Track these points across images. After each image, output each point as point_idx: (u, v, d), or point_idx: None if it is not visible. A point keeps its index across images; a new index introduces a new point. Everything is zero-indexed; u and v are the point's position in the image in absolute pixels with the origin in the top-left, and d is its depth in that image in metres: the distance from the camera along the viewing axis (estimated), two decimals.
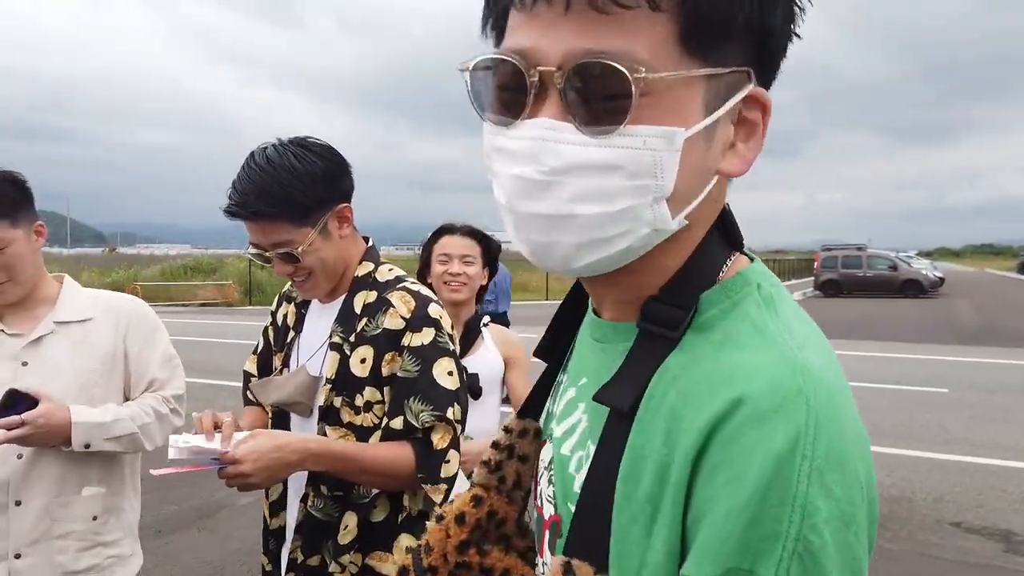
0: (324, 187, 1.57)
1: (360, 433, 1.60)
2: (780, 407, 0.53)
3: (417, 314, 1.60)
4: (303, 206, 1.54)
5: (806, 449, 0.51)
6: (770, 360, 0.56)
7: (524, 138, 0.60)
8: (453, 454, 1.58)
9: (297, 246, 1.56)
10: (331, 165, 1.60)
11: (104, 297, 2.05)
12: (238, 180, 1.54)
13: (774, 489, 0.51)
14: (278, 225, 1.54)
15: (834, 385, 0.56)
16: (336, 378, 1.62)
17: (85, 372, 1.88)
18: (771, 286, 0.65)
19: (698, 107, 0.59)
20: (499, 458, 0.82)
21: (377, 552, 1.62)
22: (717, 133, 0.61)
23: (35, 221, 1.90)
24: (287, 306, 1.85)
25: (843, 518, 0.51)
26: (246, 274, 27.44)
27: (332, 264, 1.64)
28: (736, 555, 0.51)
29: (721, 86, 0.60)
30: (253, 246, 1.60)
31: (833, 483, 0.51)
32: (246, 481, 1.46)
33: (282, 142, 1.58)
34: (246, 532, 4.70)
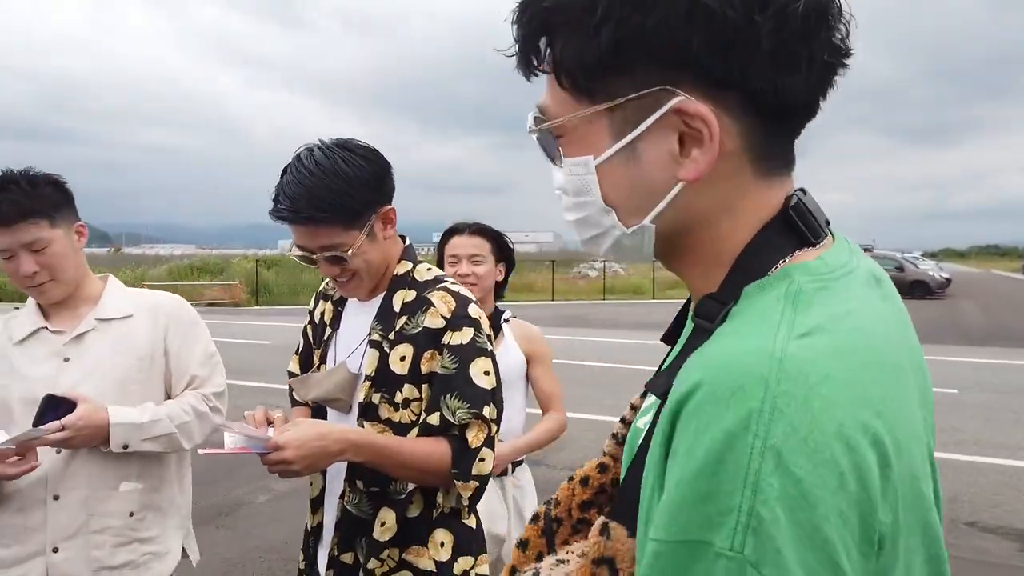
0: (371, 190, 1.59)
1: (398, 429, 1.62)
2: (737, 390, 0.56)
3: (457, 313, 1.63)
4: (352, 210, 1.57)
5: (759, 430, 0.54)
6: (744, 348, 0.60)
7: None
8: (487, 452, 1.60)
9: (346, 249, 1.58)
10: (377, 168, 1.62)
11: (146, 295, 2.08)
12: (287, 184, 1.55)
13: (726, 465, 0.54)
14: (328, 229, 1.56)
15: (820, 373, 0.56)
16: (375, 375, 1.64)
17: (125, 368, 1.92)
18: (811, 280, 0.65)
19: (605, 136, 0.70)
20: (625, 432, 0.89)
21: (414, 547, 1.64)
22: (644, 150, 0.68)
23: (75, 222, 1.95)
24: (324, 304, 1.87)
25: (805, 497, 0.52)
26: (253, 274, 27.52)
27: (376, 265, 1.66)
28: (692, 526, 0.54)
29: (627, 112, 0.68)
30: (299, 248, 1.62)
31: (793, 464, 0.53)
32: (288, 468, 1.48)
33: (328, 145, 1.60)
34: (264, 530, 4.74)
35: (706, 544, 0.54)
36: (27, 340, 1.91)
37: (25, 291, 1.93)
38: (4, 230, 1.82)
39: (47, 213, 1.85)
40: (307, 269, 7.18)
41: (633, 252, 0.75)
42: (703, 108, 0.65)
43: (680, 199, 0.69)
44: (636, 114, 0.67)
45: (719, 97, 0.65)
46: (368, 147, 1.63)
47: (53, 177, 1.91)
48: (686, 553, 0.55)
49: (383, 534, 1.62)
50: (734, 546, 0.52)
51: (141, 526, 1.92)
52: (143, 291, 2.12)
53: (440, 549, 1.66)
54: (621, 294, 31.48)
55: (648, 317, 21.29)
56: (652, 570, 0.57)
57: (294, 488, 5.43)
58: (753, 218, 0.71)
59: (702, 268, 0.73)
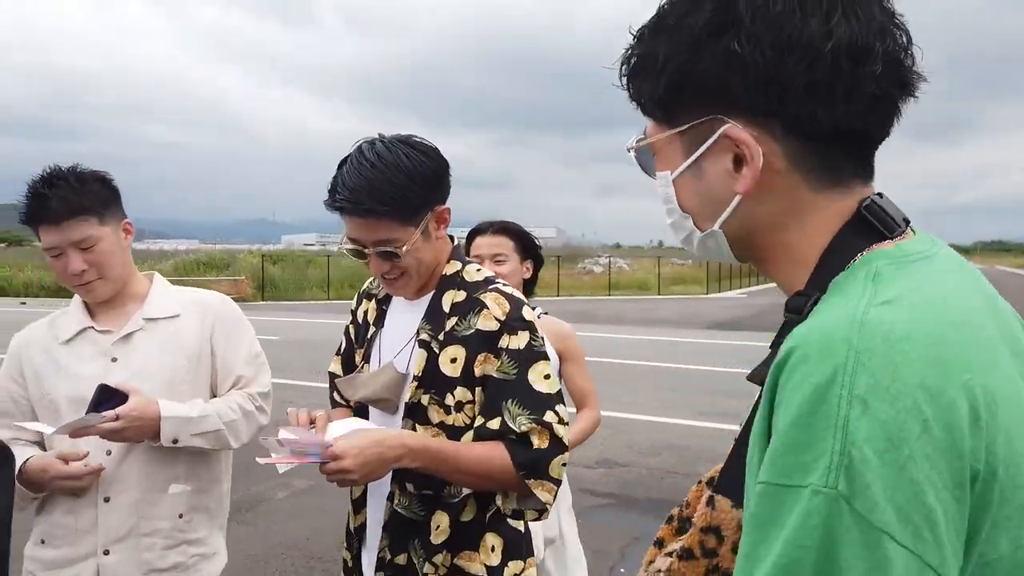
0: (430, 187, 1.58)
1: (452, 432, 1.61)
2: (824, 350, 0.64)
3: (512, 316, 1.61)
4: (412, 205, 1.55)
5: (845, 381, 0.61)
6: (830, 318, 0.68)
7: None
8: (558, 455, 1.57)
9: (401, 245, 1.56)
10: (437, 166, 1.60)
11: (191, 294, 2.08)
12: (347, 176, 1.53)
13: (818, 414, 0.61)
14: (385, 223, 1.54)
15: (900, 333, 0.63)
16: (423, 375, 1.63)
17: (172, 368, 1.91)
18: (888, 263, 0.73)
19: (679, 155, 0.83)
20: None
21: (466, 551, 1.63)
22: (707, 168, 0.81)
23: (122, 219, 1.94)
24: (368, 303, 1.86)
25: (891, 440, 0.59)
26: (259, 269, 27.55)
27: (427, 264, 1.65)
28: (791, 469, 0.61)
29: (692, 137, 0.81)
30: (351, 241, 1.60)
31: (878, 410, 0.59)
32: (346, 476, 1.47)
33: (389, 139, 1.58)
34: (285, 526, 4.78)
35: (804, 484, 0.60)
36: (74, 340, 1.91)
37: (72, 289, 1.93)
38: (53, 228, 1.81)
39: (96, 210, 1.84)
40: (312, 264, 7.18)
41: (716, 252, 0.86)
42: (743, 134, 0.76)
43: (741, 209, 0.80)
44: (697, 138, 0.80)
45: (763, 124, 0.76)
46: (429, 144, 1.62)
47: (100, 174, 1.90)
48: (787, 493, 0.61)
49: (437, 537, 1.61)
50: (828, 483, 0.59)
51: (189, 528, 1.92)
52: (188, 289, 2.11)
53: (491, 554, 1.64)
54: (626, 289, 31.47)
55: (654, 313, 21.32)
56: (759, 508, 0.63)
57: (312, 485, 5.47)
58: (826, 224, 0.78)
59: (785, 268, 0.82)
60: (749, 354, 12.76)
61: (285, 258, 32.09)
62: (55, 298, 17.80)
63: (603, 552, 4.35)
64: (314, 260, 31.38)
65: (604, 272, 34.07)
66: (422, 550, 1.62)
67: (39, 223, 1.82)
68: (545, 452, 1.56)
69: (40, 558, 1.87)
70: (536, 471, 1.55)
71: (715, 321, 18.69)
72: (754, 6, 0.73)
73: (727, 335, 15.63)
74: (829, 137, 0.75)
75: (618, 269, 35.71)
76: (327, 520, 4.85)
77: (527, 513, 1.62)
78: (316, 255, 35.51)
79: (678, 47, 0.77)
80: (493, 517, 1.67)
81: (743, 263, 0.89)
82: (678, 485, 5.67)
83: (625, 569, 4.24)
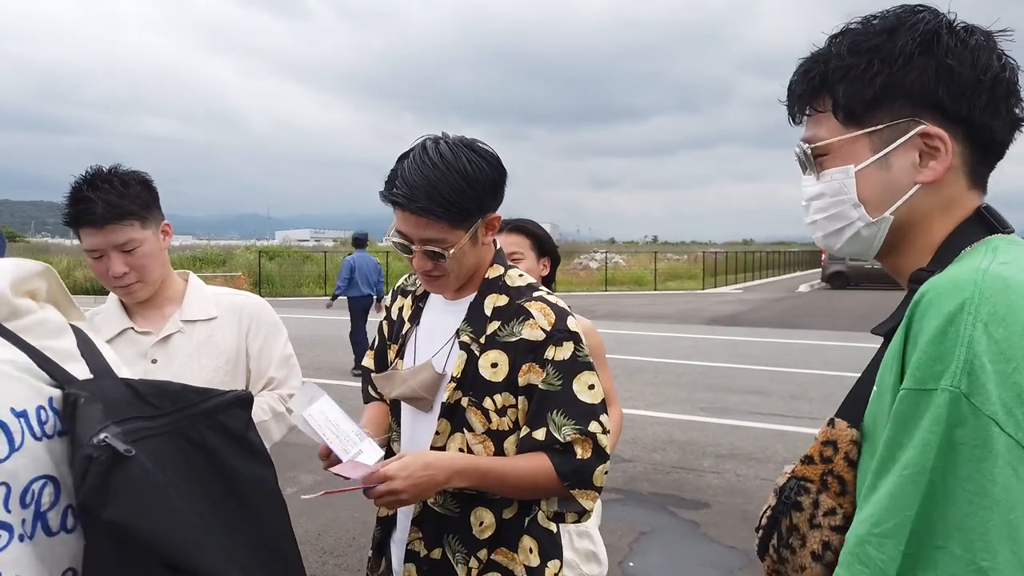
0: (487, 195, 1.59)
1: (497, 437, 1.63)
2: (954, 289, 0.83)
3: (557, 327, 1.61)
4: (466, 211, 1.56)
5: (971, 309, 0.81)
6: (958, 271, 0.88)
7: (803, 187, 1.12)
8: (601, 464, 1.59)
9: (448, 247, 1.57)
10: (496, 174, 1.61)
11: (227, 295, 2.10)
12: (407, 172, 1.54)
13: (949, 335, 0.80)
14: (437, 224, 1.55)
15: (1014, 282, 0.83)
16: (463, 377, 1.63)
17: (210, 370, 1.94)
18: (1007, 241, 0.95)
19: (866, 151, 1.01)
20: None
21: (503, 549, 1.65)
22: (894, 161, 0.99)
23: (161, 220, 1.96)
24: (403, 299, 1.87)
25: (1003, 354, 0.78)
26: (255, 265, 27.51)
27: (468, 268, 1.66)
28: (926, 378, 0.81)
29: (884, 135, 0.99)
30: (399, 234, 1.61)
31: (995, 332, 0.79)
32: (396, 498, 1.48)
33: (454, 140, 1.59)
34: (296, 522, 4.74)
35: (936, 387, 0.80)
36: (114, 340, 1.93)
37: (112, 290, 1.95)
38: (96, 231, 1.82)
39: (139, 214, 1.87)
40: (308, 260, 7.19)
41: (864, 244, 1.04)
42: (942, 131, 0.96)
43: (914, 198, 0.99)
44: (890, 136, 0.99)
45: (951, 127, 0.96)
46: (491, 151, 1.62)
47: (142, 175, 1.92)
48: (923, 395, 0.81)
49: (481, 533, 1.64)
50: (954, 384, 0.78)
51: None
52: (224, 290, 2.13)
53: (530, 555, 1.67)
54: (622, 285, 31.52)
55: (650, 308, 21.35)
56: (900, 406, 0.83)
57: (319, 481, 5.50)
58: (957, 218, 1.00)
59: (913, 254, 1.02)
60: (747, 349, 12.84)
61: (281, 254, 32.04)
62: None
63: (612, 547, 4.39)
64: (311, 256, 31.36)
65: (600, 268, 34.12)
66: (460, 545, 1.65)
67: (82, 225, 1.83)
68: (588, 462, 1.57)
69: None
70: (580, 481, 1.58)
71: (713, 316, 18.74)
72: (957, 37, 0.96)
73: (725, 331, 15.68)
74: (988, 146, 0.98)
75: (614, 265, 35.75)
76: (338, 515, 4.89)
77: (567, 516, 1.64)
78: (311, 251, 35.46)
79: (889, 61, 0.96)
80: (534, 521, 1.69)
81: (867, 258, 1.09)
82: (683, 480, 5.72)
83: (634, 563, 4.29)
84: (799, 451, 1.06)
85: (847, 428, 0.97)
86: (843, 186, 1.03)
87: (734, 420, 7.58)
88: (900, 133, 0.98)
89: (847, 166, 1.02)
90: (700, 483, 5.65)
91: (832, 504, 0.96)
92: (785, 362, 11.32)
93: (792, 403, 8.40)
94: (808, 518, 0.97)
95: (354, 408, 1.68)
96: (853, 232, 1.04)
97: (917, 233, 1.01)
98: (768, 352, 12.43)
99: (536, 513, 1.70)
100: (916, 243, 1.01)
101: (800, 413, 7.88)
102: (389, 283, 14.12)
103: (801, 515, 0.98)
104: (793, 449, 6.41)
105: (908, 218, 1.00)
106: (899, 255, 1.04)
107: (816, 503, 0.97)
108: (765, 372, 10.52)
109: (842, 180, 1.03)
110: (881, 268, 1.09)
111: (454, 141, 1.59)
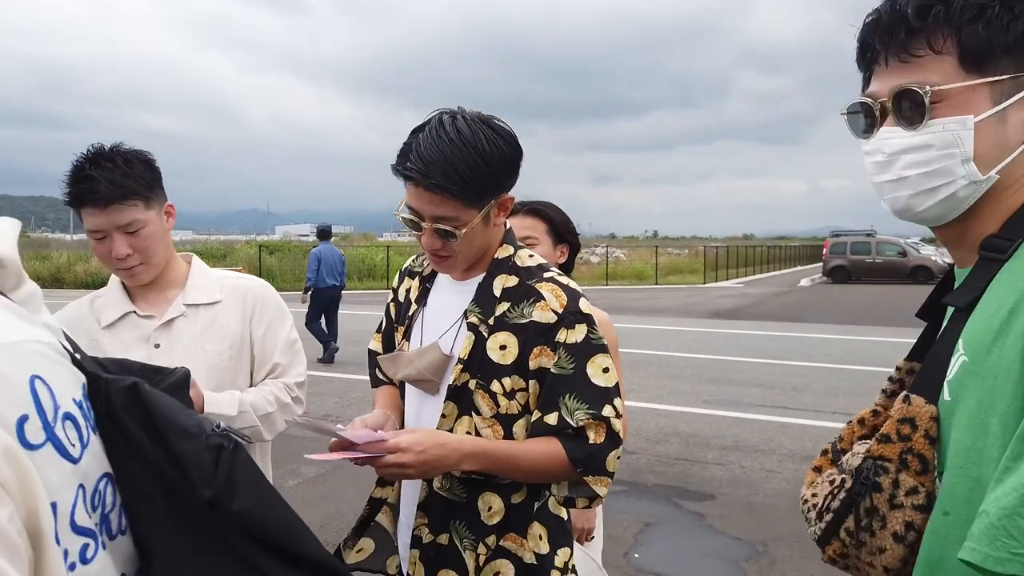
0: (504, 174, 1.56)
1: (506, 420, 1.60)
2: None
3: (569, 309, 1.58)
4: (481, 189, 1.52)
5: None
6: None
7: (874, 139, 1.02)
8: (613, 448, 1.56)
9: (460, 225, 1.53)
10: (513, 153, 1.57)
11: (231, 279, 2.05)
12: (422, 146, 1.50)
13: None
14: (450, 202, 1.51)
15: None
16: (470, 359, 1.60)
17: (215, 355, 1.90)
18: None
19: (986, 102, 0.92)
20: (893, 388, 1.14)
21: (512, 534, 1.62)
22: (1011, 116, 0.92)
23: (165, 201, 1.91)
24: (410, 280, 1.84)
25: None
26: (256, 260, 27.49)
27: (477, 249, 1.63)
28: None
29: (1005, 87, 0.92)
30: (410, 210, 1.56)
31: None
32: (403, 472, 1.45)
33: (471, 116, 1.55)
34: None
35: None
36: (116, 324, 1.90)
37: (114, 272, 1.91)
38: (99, 211, 1.77)
39: (143, 194, 1.81)
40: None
41: (954, 206, 0.96)
42: None
43: (1020, 158, 0.93)
44: (1013, 88, 0.92)
45: None
46: (508, 129, 1.58)
47: (145, 154, 1.86)
48: None
49: (490, 518, 1.61)
50: None
51: None
52: (228, 273, 2.08)
53: (540, 541, 1.63)
54: (623, 279, 31.49)
55: (652, 302, 21.35)
56: None
57: (321, 472, 5.48)
58: None
59: (990, 217, 0.96)
60: (750, 342, 12.82)
61: (282, 248, 32.02)
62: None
63: (617, 538, 4.38)
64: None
65: (601, 262, 34.08)
66: (467, 531, 1.61)
67: (84, 205, 1.78)
68: (601, 447, 1.54)
69: None
70: (593, 467, 1.55)
71: (715, 310, 18.73)
72: None
73: (728, 324, 15.68)
74: None
75: (615, 259, 35.71)
76: (339, 507, 4.86)
77: (578, 501, 1.62)
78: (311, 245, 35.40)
79: None
80: (544, 507, 1.66)
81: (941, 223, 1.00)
82: (687, 471, 5.70)
83: (639, 554, 4.26)
84: (804, 443, 1.05)
85: (925, 404, 0.93)
86: (957, 138, 0.93)
87: (738, 412, 7.55)
88: (1020, 87, 0.92)
89: (965, 116, 0.92)
90: (705, 475, 5.63)
91: (914, 483, 0.93)
92: (788, 355, 11.30)
93: (796, 395, 8.37)
94: (888, 498, 0.94)
95: (341, 403, 1.63)
96: (950, 192, 0.95)
97: (1006, 198, 0.95)
98: (771, 345, 12.41)
99: (547, 499, 1.66)
100: (998, 207, 0.95)
101: (804, 405, 7.85)
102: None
103: (881, 496, 0.95)
104: (798, 441, 6.38)
105: (1010, 181, 0.94)
106: (972, 221, 0.97)
107: (896, 483, 0.94)
108: (768, 365, 10.50)
109: (956, 132, 0.93)
110: (884, 263, 1.05)
111: (472, 117, 1.55)
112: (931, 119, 0.94)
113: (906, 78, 0.96)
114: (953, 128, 0.93)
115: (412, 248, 35.35)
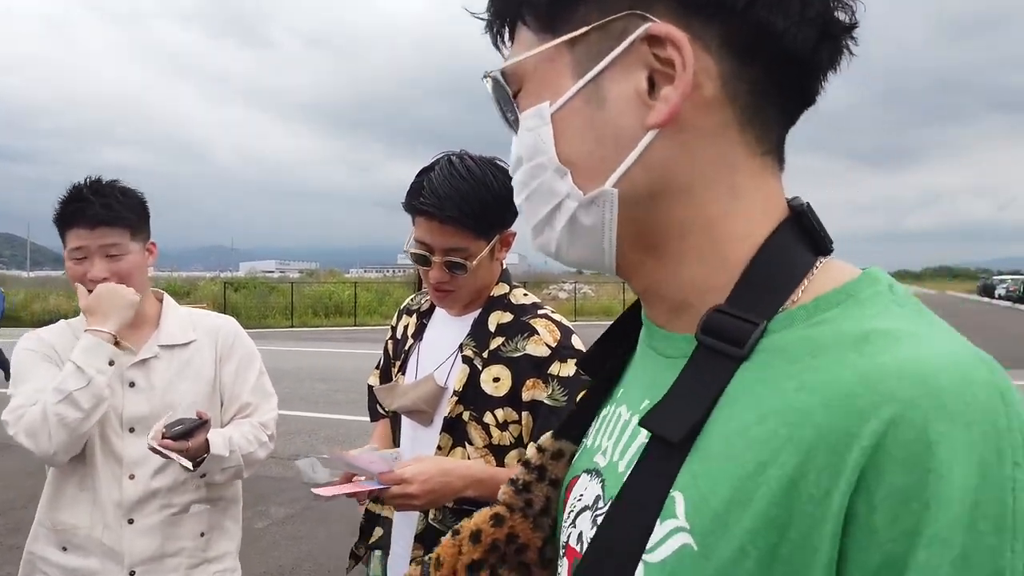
0: (508, 211, 1.61)
1: (498, 451, 1.62)
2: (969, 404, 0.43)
3: (563, 344, 1.62)
4: (490, 224, 1.59)
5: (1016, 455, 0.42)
6: (951, 350, 0.47)
7: None
8: None
9: (471, 256, 1.59)
10: None
11: (201, 317, 2.05)
12: (435, 183, 1.57)
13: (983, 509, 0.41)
14: (462, 233, 1.57)
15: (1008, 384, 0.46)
16: (464, 391, 1.63)
17: (193, 395, 1.89)
18: (906, 293, 0.55)
19: (567, 76, 0.58)
20: (529, 479, 0.76)
21: None
22: (610, 90, 0.56)
23: (149, 239, 1.93)
24: (408, 318, 1.88)
25: None
26: (220, 297, 27.13)
27: (480, 283, 1.67)
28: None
29: (593, 44, 0.57)
30: (420, 244, 1.62)
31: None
32: (410, 503, 1.47)
33: (477, 157, 1.63)
34: (265, 557, 4.66)
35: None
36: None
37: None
38: (86, 231, 1.79)
39: (131, 224, 1.84)
40: (274, 291, 7.21)
41: (592, 239, 0.59)
42: (673, 29, 0.54)
43: (653, 156, 0.56)
44: (601, 45, 0.56)
45: (696, 28, 0.54)
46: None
47: (140, 193, 1.91)
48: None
49: None
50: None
51: (209, 546, 1.90)
52: (199, 312, 2.09)
53: None
54: (591, 315, 31.68)
55: None
56: None
57: (291, 514, 5.37)
58: (760, 209, 0.58)
59: (692, 263, 0.58)
60: None
61: (247, 285, 31.67)
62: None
63: None
64: (277, 287, 31.03)
65: (569, 298, 34.27)
66: None
67: (72, 225, 1.80)
68: None
69: (63, 565, 1.80)
70: None
71: None
72: None
73: None
74: (772, 62, 0.55)
75: (582, 295, 35.94)
76: (311, 547, 4.76)
77: None
78: (277, 282, 35.10)
79: None
80: None
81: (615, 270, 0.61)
82: None
83: None
84: None
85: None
86: (539, 140, 0.59)
87: None
88: (615, 39, 0.56)
89: (540, 105, 0.59)
90: None
91: None
92: None
93: None
94: None
95: (309, 441, 1.63)
96: (567, 220, 0.59)
97: (685, 219, 0.58)
98: None
99: None
100: (693, 242, 0.58)
101: None
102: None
103: None
104: None
105: (657, 190, 0.57)
106: (668, 261, 0.59)
107: None
108: None
109: (536, 130, 0.59)
110: None
111: (477, 157, 1.63)
112: (522, 113, 0.61)
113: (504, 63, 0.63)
114: (533, 125, 0.60)
115: (380, 285, 35.16)
